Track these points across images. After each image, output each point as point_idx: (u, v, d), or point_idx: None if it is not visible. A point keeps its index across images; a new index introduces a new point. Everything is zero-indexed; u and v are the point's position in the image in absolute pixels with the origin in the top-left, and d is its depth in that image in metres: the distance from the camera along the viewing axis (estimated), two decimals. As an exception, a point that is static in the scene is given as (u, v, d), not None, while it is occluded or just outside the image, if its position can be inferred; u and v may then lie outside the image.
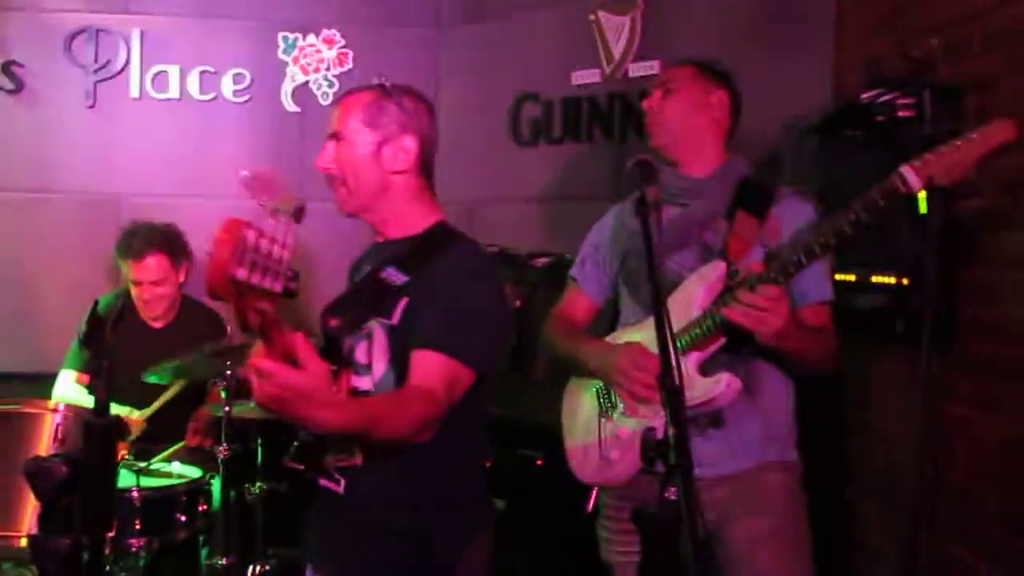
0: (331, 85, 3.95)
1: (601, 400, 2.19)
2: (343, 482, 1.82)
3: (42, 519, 1.43)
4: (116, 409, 3.02)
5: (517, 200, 3.81)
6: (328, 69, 3.95)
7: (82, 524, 1.40)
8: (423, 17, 4.02)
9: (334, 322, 1.78)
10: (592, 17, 3.58)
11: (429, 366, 1.71)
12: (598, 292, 2.39)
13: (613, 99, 3.54)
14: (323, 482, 1.85)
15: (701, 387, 2.00)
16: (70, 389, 3.27)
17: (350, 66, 3.96)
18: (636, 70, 3.47)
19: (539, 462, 3.18)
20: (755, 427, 2.12)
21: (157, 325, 3.38)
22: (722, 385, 1.98)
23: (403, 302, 1.80)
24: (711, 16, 3.27)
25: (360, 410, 1.67)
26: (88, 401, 3.09)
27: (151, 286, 3.29)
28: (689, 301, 2.06)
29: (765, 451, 2.14)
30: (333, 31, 3.96)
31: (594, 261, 2.39)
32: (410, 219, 1.92)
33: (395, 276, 1.83)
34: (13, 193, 3.87)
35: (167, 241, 3.33)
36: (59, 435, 2.49)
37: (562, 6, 3.70)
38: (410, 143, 1.87)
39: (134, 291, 3.32)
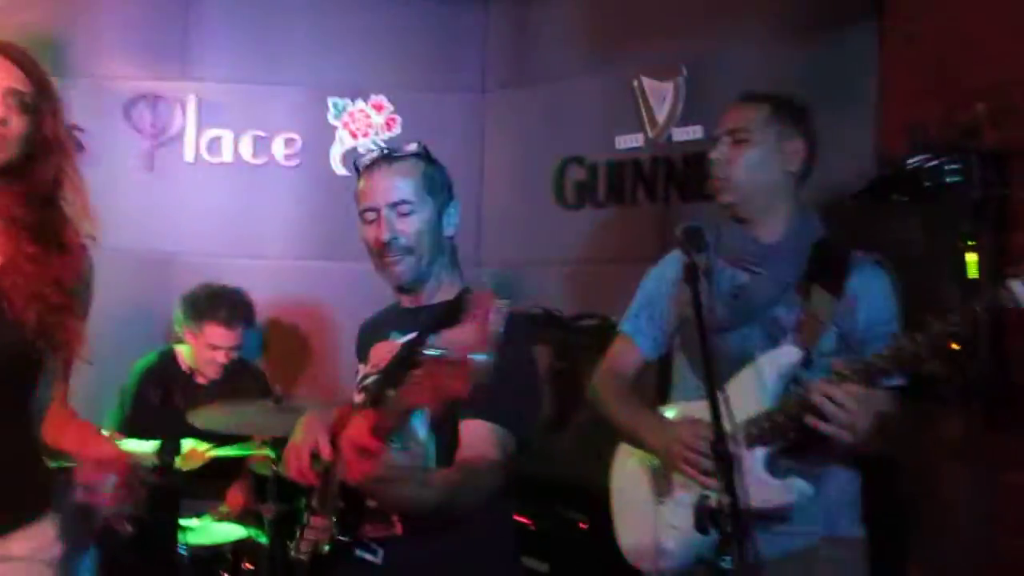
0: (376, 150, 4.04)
1: (657, 482, 2.06)
2: (381, 552, 1.81)
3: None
4: (186, 442, 3.07)
5: (561, 263, 3.85)
6: (376, 134, 4.04)
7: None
8: (469, 82, 4.10)
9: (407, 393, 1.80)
10: (635, 83, 3.63)
11: (483, 436, 1.74)
12: (652, 348, 2.25)
13: (657, 163, 3.58)
14: (360, 552, 1.82)
15: (775, 492, 1.88)
16: None
17: (398, 131, 4.05)
18: (680, 134, 3.52)
19: (582, 525, 3.15)
20: (819, 506, 1.98)
21: (203, 381, 3.43)
22: (795, 494, 1.88)
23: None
24: (754, 80, 3.28)
25: (446, 485, 1.70)
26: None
27: (229, 351, 3.35)
28: (758, 388, 1.93)
29: (830, 526, 2.02)
30: (381, 96, 4.06)
31: (649, 315, 2.24)
32: (448, 284, 1.98)
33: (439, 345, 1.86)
34: (72, 252, 3.96)
35: (249, 311, 3.41)
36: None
37: (605, 72, 3.77)
38: (457, 208, 1.97)
39: (204, 353, 3.36)
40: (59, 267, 1.69)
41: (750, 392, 1.91)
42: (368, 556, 1.80)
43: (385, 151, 1.99)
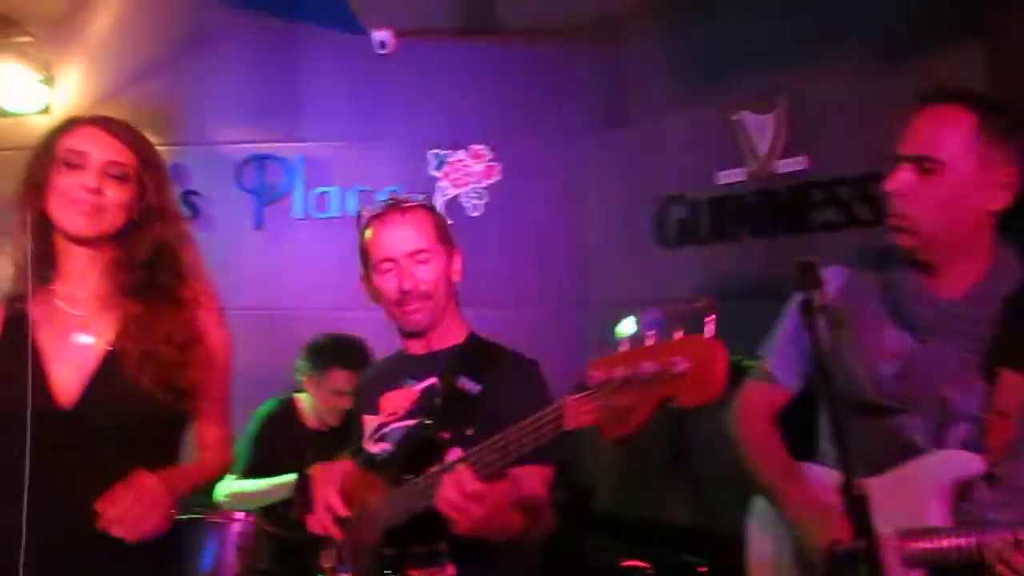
0: (480, 197, 4.09)
1: (801, 554, 1.78)
2: None
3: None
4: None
5: (664, 303, 3.79)
6: (477, 182, 4.10)
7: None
8: (567, 126, 4.11)
9: (446, 433, 1.79)
10: (735, 117, 3.60)
11: (534, 478, 1.75)
12: (797, 381, 1.91)
13: (761, 197, 3.53)
14: None
15: None
16: (226, 486, 3.39)
17: (498, 178, 4.10)
18: (784, 166, 3.46)
19: (701, 569, 3.08)
20: None
21: (323, 427, 3.49)
22: None
23: (479, 411, 1.82)
24: (860, 104, 3.24)
25: (531, 510, 1.71)
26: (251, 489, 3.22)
27: (343, 396, 3.40)
28: (917, 497, 1.60)
29: None
30: (481, 146, 4.12)
31: (799, 346, 1.85)
32: (455, 329, 2.01)
33: (471, 386, 1.86)
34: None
35: (369, 358, 3.48)
36: (241, 543, 2.60)
37: (703, 108, 3.74)
38: (459, 257, 2.00)
39: (329, 400, 3.40)
40: (170, 324, 1.74)
41: (906, 498, 1.58)
42: None
43: (393, 202, 2.01)
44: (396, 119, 4.20)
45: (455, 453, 1.73)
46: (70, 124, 1.76)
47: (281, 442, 3.38)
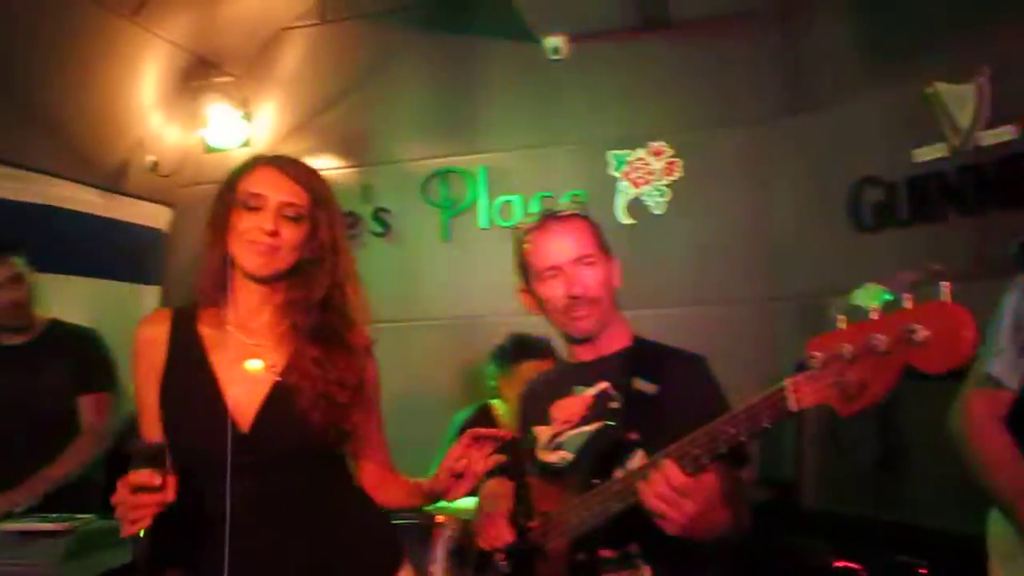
0: (662, 195, 4.05)
1: None
2: None
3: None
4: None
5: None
6: (659, 180, 4.06)
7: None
8: (749, 115, 4.00)
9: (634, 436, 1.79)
10: (930, 90, 3.39)
11: (728, 475, 1.70)
12: (1020, 382, 1.87)
13: (965, 173, 3.31)
14: None
15: None
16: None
17: (680, 174, 4.04)
18: (989, 138, 3.23)
19: (922, 571, 2.91)
20: None
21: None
22: None
23: (659, 410, 1.80)
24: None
25: (732, 506, 1.68)
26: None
27: None
28: None
29: None
30: (660, 142, 4.07)
31: (1020, 344, 1.85)
32: (621, 332, 1.99)
33: (647, 386, 1.84)
34: (381, 324, 4.30)
35: (547, 348, 3.52)
36: (450, 546, 2.67)
37: (893, 85, 3.55)
38: (618, 262, 1.99)
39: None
40: (343, 368, 1.79)
41: None
42: None
43: (549, 213, 2.02)
44: (573, 123, 4.23)
45: (640, 455, 1.73)
46: (249, 166, 1.82)
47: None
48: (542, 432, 2.00)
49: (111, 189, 4.33)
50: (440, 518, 2.82)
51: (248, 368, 1.79)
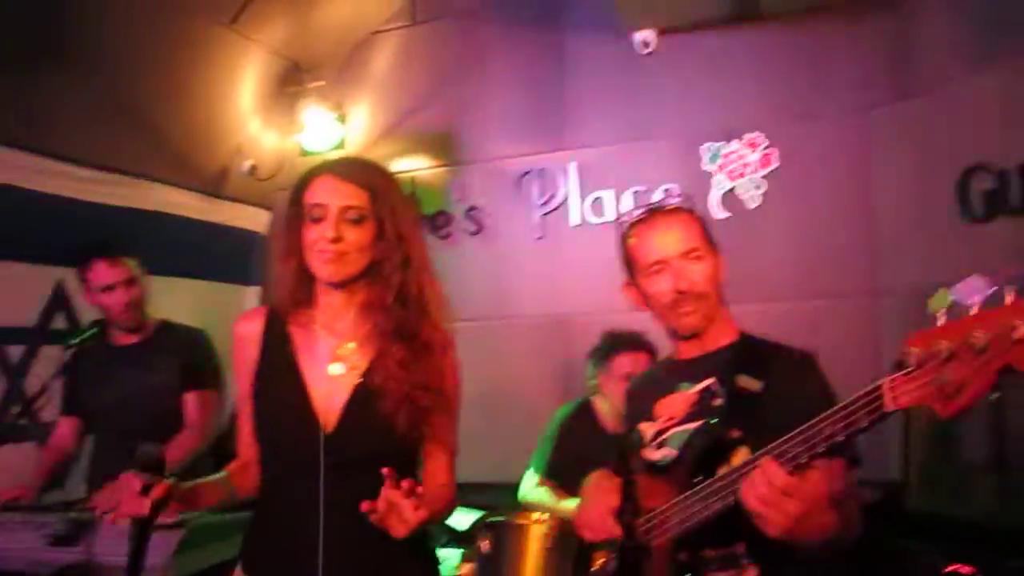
0: (757, 187, 3.97)
1: None
2: None
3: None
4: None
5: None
6: (754, 172, 3.97)
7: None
8: (846, 104, 3.88)
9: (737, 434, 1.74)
10: (1043, 71, 3.24)
11: (837, 474, 1.68)
12: None
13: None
14: None
15: None
16: (532, 491, 3.49)
17: (776, 165, 3.95)
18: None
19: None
20: None
21: (616, 429, 3.51)
22: None
23: (764, 408, 1.76)
24: None
25: (840, 508, 1.63)
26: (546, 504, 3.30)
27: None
28: None
29: None
30: (756, 133, 3.99)
31: None
32: (728, 328, 1.94)
33: (752, 383, 1.80)
34: (475, 322, 4.34)
35: (647, 342, 3.50)
36: (549, 543, 2.68)
37: (1002, 66, 3.40)
38: (724, 257, 1.94)
39: (619, 388, 3.43)
40: (425, 370, 1.81)
41: None
42: None
43: (655, 206, 1.99)
44: (665, 117, 4.17)
45: (743, 453, 1.69)
46: (309, 177, 1.85)
47: (579, 444, 3.44)
48: (647, 429, 1.98)
49: (212, 193, 4.47)
50: (536, 516, 2.82)
51: (330, 370, 1.83)
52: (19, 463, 3.07)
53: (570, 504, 3.24)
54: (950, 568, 2.86)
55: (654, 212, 1.96)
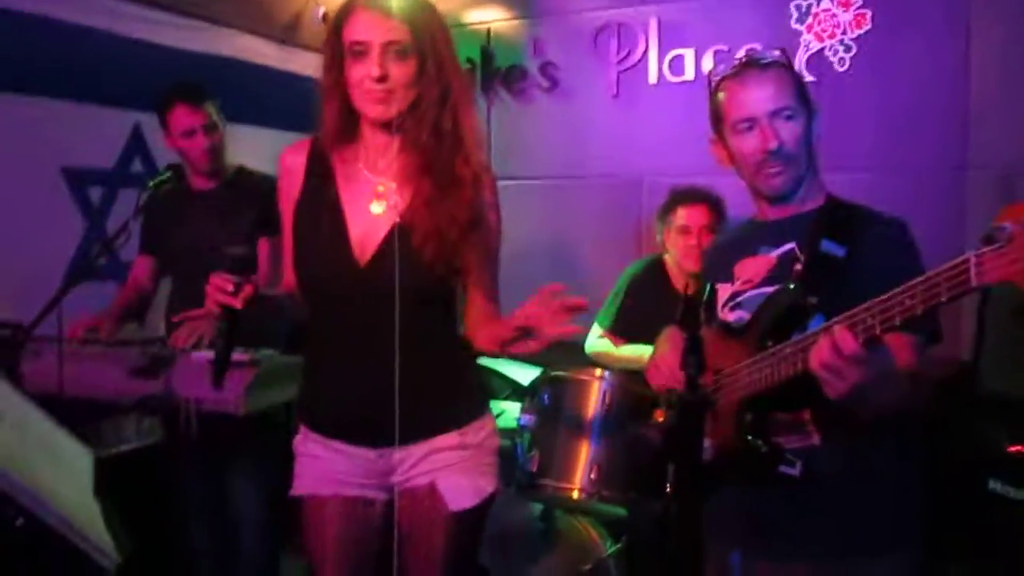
0: (848, 50, 3.76)
1: None
2: (799, 465, 1.72)
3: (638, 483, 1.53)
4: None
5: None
6: (844, 33, 3.77)
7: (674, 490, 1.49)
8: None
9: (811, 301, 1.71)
10: None
11: (907, 348, 1.65)
12: None
13: None
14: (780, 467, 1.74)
15: None
16: (596, 342, 3.54)
17: (868, 27, 3.73)
18: None
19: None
20: None
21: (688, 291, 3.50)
22: None
23: (845, 275, 1.72)
24: None
25: (909, 386, 1.63)
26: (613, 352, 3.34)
27: (693, 237, 3.40)
28: None
29: None
30: (849, -10, 3.77)
31: None
32: (814, 192, 1.88)
33: (835, 249, 1.75)
34: (546, 180, 4.31)
35: (713, 197, 3.45)
36: (607, 400, 2.72)
37: None
38: (819, 116, 1.87)
39: (680, 241, 3.43)
40: (453, 204, 1.80)
41: None
42: (787, 470, 1.72)
43: (749, 59, 1.88)
44: (752, -29, 3.96)
45: (819, 320, 1.66)
46: (347, 11, 1.80)
47: (646, 299, 3.45)
48: (723, 290, 1.97)
49: (286, 41, 4.43)
50: (598, 372, 2.86)
51: (371, 207, 1.86)
52: (99, 301, 3.18)
53: (632, 349, 3.28)
54: (1014, 448, 2.84)
55: (747, 65, 1.86)
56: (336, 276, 1.86)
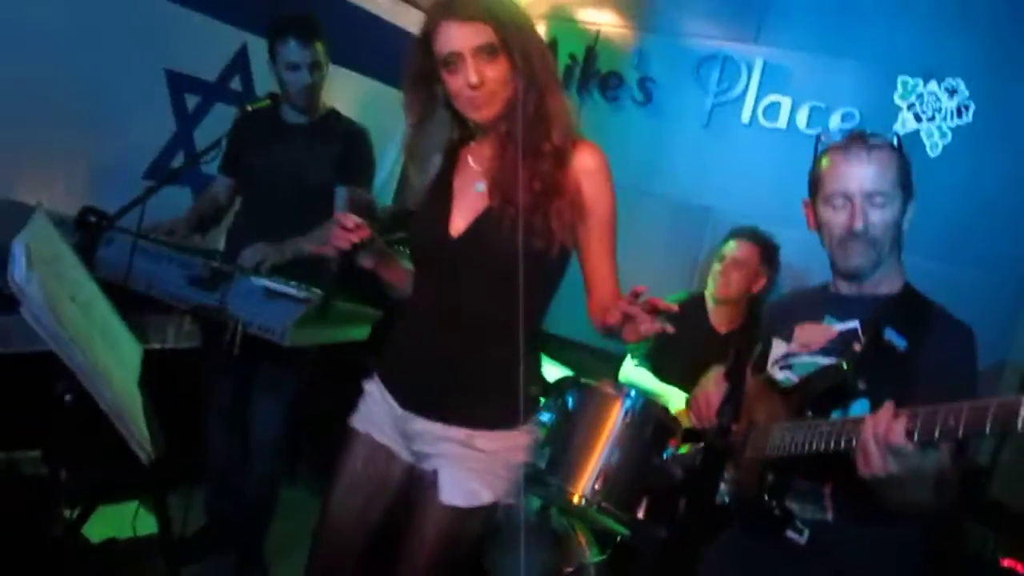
0: (943, 136, 3.77)
1: None
2: (807, 534, 1.74)
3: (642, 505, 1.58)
4: (679, 400, 3.27)
5: None
6: (944, 120, 3.77)
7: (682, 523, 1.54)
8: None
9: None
10: None
11: (945, 453, 1.64)
12: None
13: None
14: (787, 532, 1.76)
15: None
16: (632, 371, 3.60)
17: (969, 119, 3.73)
18: None
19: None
20: None
21: (722, 330, 3.55)
22: None
23: (901, 368, 1.73)
24: None
25: (943, 491, 1.63)
26: (648, 383, 3.39)
27: (732, 265, 3.47)
28: None
29: None
30: (957, 80, 3.76)
31: None
32: (891, 276, 1.90)
33: (897, 340, 1.76)
34: (619, 191, 4.32)
35: (767, 241, 3.51)
36: (627, 418, 2.79)
37: None
38: (913, 203, 1.89)
39: (720, 266, 3.49)
40: (530, 176, 1.83)
41: None
42: (794, 536, 1.74)
43: (859, 135, 1.89)
44: (866, 37, 3.94)
45: (863, 404, 1.70)
46: (432, 27, 1.85)
47: (681, 333, 3.48)
48: (778, 346, 2.00)
49: (405, -1, 4.50)
50: (626, 390, 2.92)
51: (473, 190, 1.95)
52: (174, 203, 3.28)
53: (661, 387, 3.35)
54: (1007, 562, 2.87)
55: (856, 140, 1.88)
56: (431, 246, 1.98)
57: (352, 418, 2.11)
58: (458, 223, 1.94)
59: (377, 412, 2.06)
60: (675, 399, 3.26)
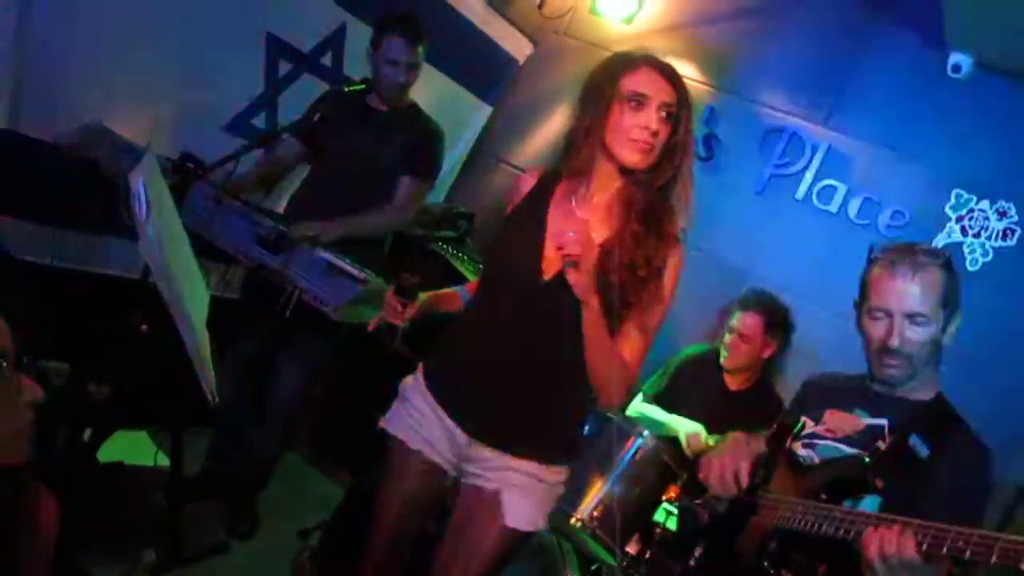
0: (985, 254, 3.86)
1: None
2: None
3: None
4: (688, 427, 3.38)
5: None
6: (989, 239, 3.87)
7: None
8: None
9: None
10: None
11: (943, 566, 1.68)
12: None
13: None
14: None
15: None
16: (641, 406, 3.70)
17: (1012, 243, 3.83)
18: None
19: None
20: None
21: (733, 387, 3.65)
22: None
23: (917, 476, 1.77)
24: None
25: None
26: (658, 415, 3.50)
27: (740, 339, 3.58)
28: None
29: None
30: (1010, 204, 3.85)
31: None
32: (927, 385, 1.96)
33: (920, 447, 1.81)
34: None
35: (773, 309, 3.61)
36: (636, 456, 2.90)
37: None
38: (956, 321, 1.93)
39: (729, 338, 3.62)
40: (653, 248, 1.94)
41: None
42: None
43: (910, 250, 1.95)
44: (931, 143, 4.04)
45: (874, 501, 1.77)
46: (632, 63, 1.97)
47: (695, 385, 3.61)
48: (807, 425, 2.07)
49: (495, 6, 4.63)
50: (639, 428, 3.02)
51: (568, 235, 1.94)
52: (245, 163, 3.40)
53: (678, 420, 3.45)
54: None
55: (905, 253, 1.93)
56: (516, 279, 2.02)
57: (391, 423, 2.17)
58: (550, 265, 1.98)
59: (429, 430, 2.11)
60: (684, 427, 3.39)
